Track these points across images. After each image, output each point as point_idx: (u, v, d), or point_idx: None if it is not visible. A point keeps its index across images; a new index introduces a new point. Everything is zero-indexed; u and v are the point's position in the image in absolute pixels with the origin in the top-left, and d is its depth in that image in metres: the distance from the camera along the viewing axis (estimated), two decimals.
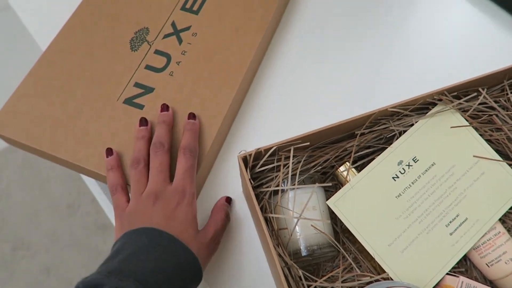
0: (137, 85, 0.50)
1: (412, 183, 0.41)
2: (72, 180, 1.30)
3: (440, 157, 0.42)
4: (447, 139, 0.42)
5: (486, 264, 0.40)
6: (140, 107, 0.48)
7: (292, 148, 0.39)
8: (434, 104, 0.44)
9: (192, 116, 0.45)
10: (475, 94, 0.43)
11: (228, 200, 0.46)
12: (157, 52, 0.52)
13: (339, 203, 0.40)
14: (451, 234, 0.40)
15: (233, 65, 0.51)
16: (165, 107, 0.46)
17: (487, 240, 0.40)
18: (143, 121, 0.45)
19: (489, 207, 0.41)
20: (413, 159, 0.42)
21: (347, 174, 0.42)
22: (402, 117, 0.43)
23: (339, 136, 0.43)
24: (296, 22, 0.59)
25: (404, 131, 0.43)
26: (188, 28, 0.54)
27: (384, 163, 0.41)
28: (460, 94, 0.44)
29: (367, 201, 0.40)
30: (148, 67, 0.51)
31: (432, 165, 0.42)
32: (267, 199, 0.39)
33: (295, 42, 0.57)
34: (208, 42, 0.53)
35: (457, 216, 0.40)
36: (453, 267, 0.42)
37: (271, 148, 0.38)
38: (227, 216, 0.44)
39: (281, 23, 0.59)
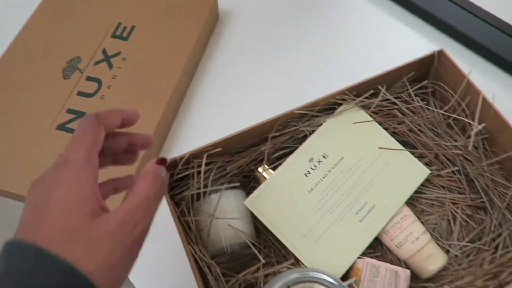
0: (69, 111, 0.53)
1: (323, 177, 0.44)
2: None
3: (347, 152, 0.45)
4: (353, 134, 0.46)
5: (396, 245, 0.43)
6: (73, 131, 0.51)
7: (205, 154, 0.42)
8: (340, 104, 0.47)
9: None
10: (372, 91, 0.47)
11: (161, 161, 0.29)
12: (88, 78, 0.55)
13: (255, 202, 0.43)
14: (360, 221, 0.43)
15: (160, 85, 0.54)
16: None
17: (395, 224, 0.44)
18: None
19: (394, 194, 0.44)
20: (322, 156, 0.45)
21: (263, 175, 0.45)
22: (311, 118, 0.47)
23: (256, 140, 0.46)
24: (226, 39, 0.63)
25: (314, 131, 0.47)
26: (118, 54, 0.57)
27: (296, 162, 0.45)
28: (363, 92, 0.47)
29: (281, 197, 0.43)
30: (80, 93, 0.54)
31: (341, 159, 0.45)
32: (185, 204, 0.42)
33: (224, 59, 0.61)
34: (137, 65, 0.56)
35: (366, 204, 0.44)
36: (370, 252, 0.45)
37: (185, 156, 0.41)
38: (158, 182, 0.27)
39: (211, 41, 0.63)
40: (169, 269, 0.47)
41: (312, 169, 0.44)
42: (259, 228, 0.46)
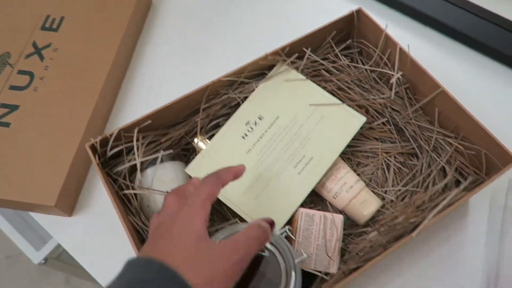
0: (2, 105, 0.52)
1: (260, 137, 0.45)
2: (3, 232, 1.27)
3: (283, 111, 0.46)
4: (287, 94, 0.47)
5: (333, 196, 0.45)
6: (7, 125, 0.51)
7: (136, 128, 0.42)
8: (271, 69, 0.49)
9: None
10: (297, 55, 0.49)
11: (270, 222, 0.34)
12: (20, 72, 0.54)
13: (196, 168, 0.44)
14: (299, 173, 0.44)
15: (94, 71, 0.54)
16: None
17: (330, 176, 0.45)
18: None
19: (331, 145, 0.46)
20: (258, 117, 0.46)
21: (199, 145, 0.46)
22: (241, 84, 0.48)
23: (190, 112, 0.47)
24: (160, 22, 0.63)
25: (247, 97, 0.48)
26: (49, 45, 0.57)
27: (233, 127, 0.46)
28: (290, 56, 0.49)
29: (221, 161, 0.44)
30: (12, 87, 0.53)
31: (277, 118, 0.46)
32: (122, 179, 0.42)
33: (159, 42, 0.62)
34: (69, 55, 0.56)
35: (304, 157, 0.45)
36: (311, 207, 0.47)
37: (114, 132, 0.41)
38: (260, 229, 0.32)
39: (145, 25, 0.63)
40: (111, 245, 0.47)
41: (249, 131, 0.45)
42: None
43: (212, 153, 0.45)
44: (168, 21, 0.64)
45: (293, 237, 0.40)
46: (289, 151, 0.45)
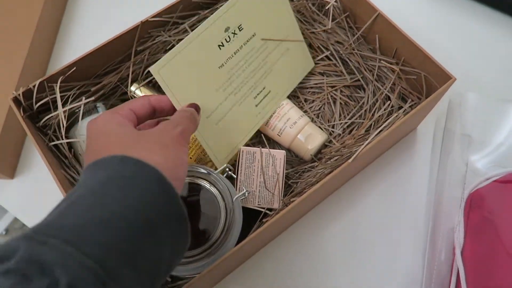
0: None
1: (235, 53, 0.40)
2: None
3: (260, 29, 0.42)
4: (267, 10, 0.42)
5: (278, 134, 0.44)
6: None
7: (60, 77, 0.40)
8: (206, 8, 0.46)
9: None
10: None
11: (194, 107, 0.35)
12: None
13: (163, 71, 0.36)
14: (256, 105, 0.42)
15: (20, 25, 0.51)
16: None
17: (273, 114, 0.44)
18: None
19: (286, 81, 0.44)
20: (238, 27, 0.40)
21: (136, 94, 0.44)
22: (176, 25, 0.45)
23: (123, 57, 0.44)
24: None
25: (181, 39, 0.45)
26: None
27: (212, 28, 0.38)
28: None
29: (191, 69, 0.37)
30: None
31: (253, 36, 0.41)
32: (52, 132, 0.40)
33: None
34: None
35: (264, 88, 0.43)
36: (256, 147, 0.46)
37: (37, 83, 0.39)
38: (189, 111, 0.33)
39: None
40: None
41: (227, 41, 0.39)
42: None
43: (184, 55, 0.37)
44: None
45: (234, 176, 0.39)
46: (255, 78, 0.42)
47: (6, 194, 0.47)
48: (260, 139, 0.47)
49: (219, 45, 0.39)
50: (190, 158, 0.42)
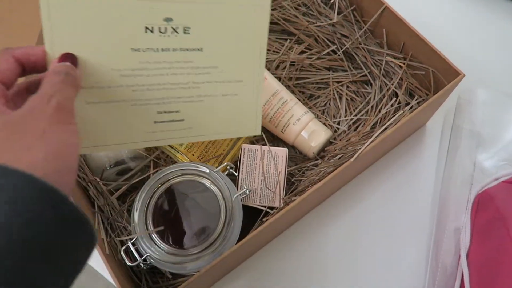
0: None
1: (162, 50, 0.32)
2: None
3: (213, 49, 0.34)
4: (236, 42, 0.34)
5: (281, 131, 0.44)
6: None
7: None
8: None
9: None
10: None
11: (63, 58, 0.27)
12: None
13: (60, 4, 0.28)
14: (155, 122, 0.34)
15: (27, 20, 0.51)
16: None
17: (277, 110, 0.44)
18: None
19: (210, 126, 0.36)
20: (184, 28, 0.32)
21: None
22: None
23: None
24: None
25: None
26: None
27: (150, 4, 0.31)
28: None
29: (94, 26, 0.29)
30: None
31: (198, 49, 0.33)
32: None
33: None
34: None
35: (176, 112, 0.34)
36: (260, 143, 0.45)
37: None
38: (60, 76, 0.25)
39: None
40: None
41: (160, 31, 0.31)
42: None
43: (91, 6, 0.29)
44: None
45: (236, 174, 0.39)
46: (170, 93, 0.33)
47: None
48: (265, 134, 0.46)
49: (146, 27, 0.31)
50: (193, 155, 0.42)
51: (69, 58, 0.27)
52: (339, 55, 0.47)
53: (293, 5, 0.47)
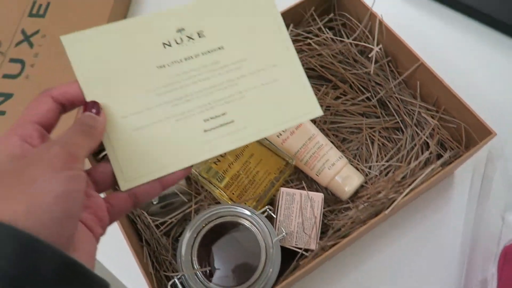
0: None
1: (186, 59, 0.33)
2: None
3: (232, 44, 0.34)
4: (250, 26, 0.34)
5: (316, 174, 0.46)
6: (2, 113, 0.52)
7: None
8: None
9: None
10: None
11: (87, 107, 0.28)
12: (11, 60, 0.56)
13: (80, 45, 0.30)
14: (205, 131, 0.33)
15: None
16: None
17: (313, 154, 0.46)
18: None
19: (263, 118, 0.34)
20: (198, 33, 0.33)
21: None
22: None
23: None
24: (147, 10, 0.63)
25: None
26: (37, 32, 0.57)
27: (160, 21, 0.33)
28: None
29: (119, 56, 0.32)
30: (5, 76, 0.55)
31: (220, 48, 0.34)
32: None
33: None
34: (57, 41, 0.56)
35: (223, 114, 0.33)
36: (296, 184, 0.48)
37: None
38: (82, 127, 0.27)
39: (130, 9, 0.63)
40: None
41: (177, 42, 0.33)
42: (189, 177, 0.48)
43: (109, 40, 0.31)
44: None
45: (274, 216, 0.41)
46: (210, 97, 0.33)
47: None
48: (299, 175, 0.49)
49: (164, 43, 0.33)
50: (233, 193, 0.44)
51: (90, 107, 0.28)
52: (372, 102, 0.49)
53: (331, 53, 0.49)
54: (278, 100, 0.34)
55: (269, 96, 0.34)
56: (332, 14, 0.51)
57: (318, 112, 0.34)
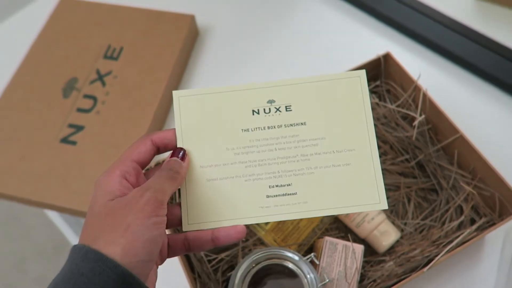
0: (70, 125, 0.60)
1: (268, 127, 0.36)
2: (54, 224, 1.38)
3: (316, 122, 0.36)
4: (340, 111, 0.37)
5: (355, 226, 0.50)
6: (74, 143, 0.59)
7: None
8: None
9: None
10: None
11: (174, 153, 0.33)
12: (85, 96, 0.63)
13: (185, 100, 0.36)
14: (268, 196, 0.36)
15: (148, 97, 0.62)
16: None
17: None
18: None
19: (327, 199, 0.35)
20: (286, 106, 0.37)
21: None
22: None
23: None
24: (206, 51, 0.70)
25: None
26: (110, 73, 0.64)
27: (253, 92, 0.37)
28: None
29: (212, 115, 0.36)
30: (78, 110, 0.61)
31: (302, 124, 0.37)
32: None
33: (205, 69, 0.68)
34: (126, 82, 0.63)
35: (289, 185, 0.36)
36: (335, 233, 0.52)
37: None
38: (164, 172, 0.31)
39: (193, 54, 0.70)
40: None
41: (265, 111, 0.36)
42: None
43: (211, 98, 0.37)
44: (213, 50, 0.70)
45: (318, 262, 0.45)
46: (280, 166, 0.36)
47: None
48: (338, 225, 0.53)
49: (253, 110, 0.37)
50: (278, 237, 0.48)
51: (178, 153, 0.33)
52: (411, 164, 0.54)
53: (376, 116, 0.54)
54: (346, 184, 0.36)
55: (338, 178, 0.36)
56: (378, 81, 0.56)
57: (383, 205, 0.35)
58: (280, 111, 0.36)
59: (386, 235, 0.49)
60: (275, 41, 0.70)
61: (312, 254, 0.44)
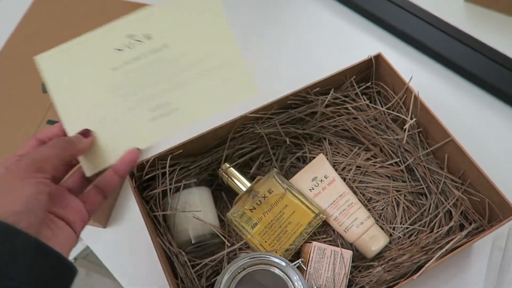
0: (49, 122, 0.58)
1: (134, 59, 0.39)
2: None
3: (178, 40, 0.39)
4: (197, 25, 0.39)
5: (344, 230, 0.49)
6: None
7: (169, 156, 0.47)
8: (296, 106, 0.53)
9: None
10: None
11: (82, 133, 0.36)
12: None
13: (50, 60, 0.38)
14: (151, 119, 0.38)
15: None
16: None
17: (342, 211, 0.49)
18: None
19: (205, 103, 0.39)
20: (146, 35, 0.39)
21: (224, 173, 0.50)
22: (268, 119, 0.52)
23: (218, 142, 0.51)
24: None
25: (271, 132, 0.52)
26: None
27: (112, 32, 0.39)
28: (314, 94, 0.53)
29: (79, 66, 0.38)
30: None
31: (166, 46, 0.39)
32: (153, 202, 0.47)
33: None
34: None
35: (167, 104, 0.39)
36: (323, 238, 0.51)
37: (150, 159, 0.46)
38: (49, 144, 0.33)
39: None
40: (142, 262, 0.52)
41: (128, 47, 0.38)
42: (224, 220, 0.51)
43: (73, 52, 0.38)
44: None
45: (305, 268, 0.44)
46: (154, 88, 0.38)
47: (97, 240, 0.54)
48: (325, 229, 0.52)
49: (116, 49, 0.39)
50: (265, 241, 0.47)
51: (82, 132, 0.36)
52: (401, 167, 0.53)
53: (366, 118, 0.53)
54: (218, 86, 0.39)
55: (209, 83, 0.39)
56: (369, 82, 0.55)
57: (252, 92, 0.40)
58: (141, 41, 0.39)
59: (375, 239, 0.48)
60: (267, 42, 0.68)
61: (300, 260, 0.43)
